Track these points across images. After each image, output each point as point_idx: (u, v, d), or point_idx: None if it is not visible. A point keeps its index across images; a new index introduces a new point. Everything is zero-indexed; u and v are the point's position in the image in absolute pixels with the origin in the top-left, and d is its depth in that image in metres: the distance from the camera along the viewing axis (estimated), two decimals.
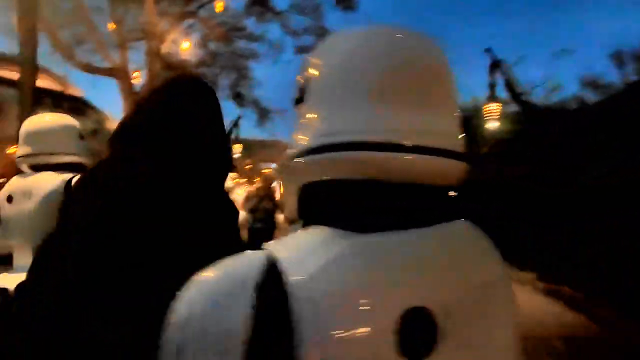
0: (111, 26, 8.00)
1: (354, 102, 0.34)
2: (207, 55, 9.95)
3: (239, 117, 12.59)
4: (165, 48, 8.39)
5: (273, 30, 17.80)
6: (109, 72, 7.90)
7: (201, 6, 8.81)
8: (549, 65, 19.53)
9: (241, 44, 10.28)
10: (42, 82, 16.11)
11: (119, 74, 7.87)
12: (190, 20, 9.14)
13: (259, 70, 11.50)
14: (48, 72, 15.04)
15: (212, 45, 9.95)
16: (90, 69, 7.84)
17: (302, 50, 10.29)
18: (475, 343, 0.34)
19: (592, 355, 2.64)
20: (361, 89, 0.34)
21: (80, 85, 11.94)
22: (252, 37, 10.21)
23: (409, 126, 0.34)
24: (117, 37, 8.14)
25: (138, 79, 8.36)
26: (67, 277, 0.59)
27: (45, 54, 7.51)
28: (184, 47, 8.37)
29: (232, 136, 13.42)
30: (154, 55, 8.12)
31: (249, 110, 11.07)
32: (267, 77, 11.59)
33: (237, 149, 14.02)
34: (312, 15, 9.73)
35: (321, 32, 9.61)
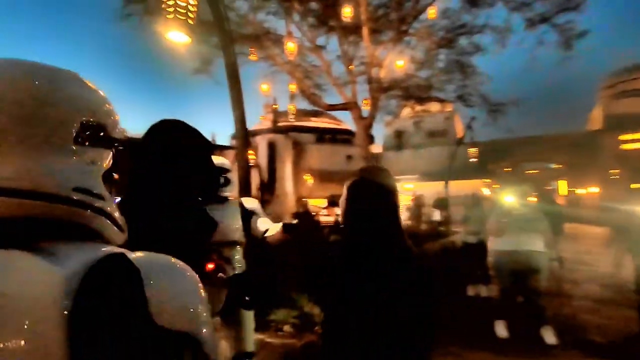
0: (349, 68, 9.67)
1: None
2: (428, 64, 9.96)
3: (471, 119, 11.61)
4: (383, 72, 9.17)
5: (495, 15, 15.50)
6: (344, 107, 9.53)
7: (415, 18, 9.02)
8: None
9: (463, 42, 9.58)
10: (319, 122, 21.03)
11: (351, 105, 9.33)
12: (407, 37, 9.54)
13: (484, 63, 10.22)
14: (324, 114, 19.72)
15: (434, 54, 9.86)
16: (330, 107, 9.77)
17: (541, 19, 8.31)
18: None
19: None
20: None
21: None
22: (474, 30, 9.31)
23: None
24: (348, 76, 9.75)
25: (367, 106, 9.57)
26: None
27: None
28: (399, 65, 8.80)
29: (467, 140, 12.50)
30: (374, 81, 9.08)
31: (478, 110, 9.99)
32: (494, 69, 10.11)
33: (472, 153, 12.90)
34: None
35: None
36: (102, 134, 0.56)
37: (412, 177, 18.38)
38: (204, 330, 0.50)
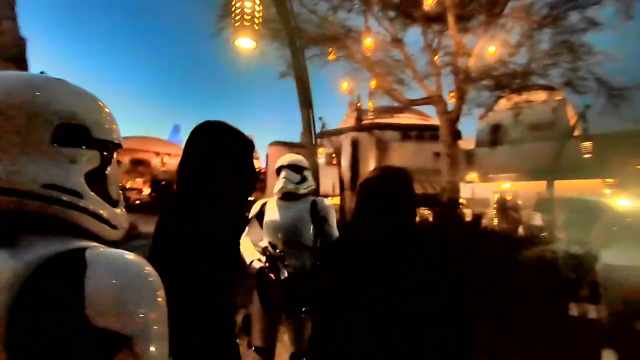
0: (435, 58, 9.11)
1: None
2: (528, 48, 8.77)
3: (585, 108, 9.86)
4: (472, 61, 8.39)
5: None
6: (427, 101, 9.01)
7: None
8: None
9: (573, 18, 8.18)
10: (405, 118, 20.30)
11: (434, 99, 8.77)
12: (501, 21, 8.55)
13: (600, 40, 8.53)
14: (411, 110, 19.00)
15: (534, 35, 8.65)
16: (412, 102, 9.33)
17: None
18: None
19: None
20: None
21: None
22: (589, 2, 7.89)
23: None
24: (432, 68, 9.18)
25: (453, 99, 8.89)
26: None
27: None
28: (491, 51, 7.94)
29: (580, 132, 10.56)
30: (462, 72, 8.37)
31: (593, 97, 8.42)
32: (614, 46, 8.37)
33: (586, 148, 10.80)
34: None
35: None
36: (84, 135, 0.61)
37: (508, 175, 16.47)
38: (138, 330, 0.49)
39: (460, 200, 10.02)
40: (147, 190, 30.14)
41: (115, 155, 0.70)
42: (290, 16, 3.60)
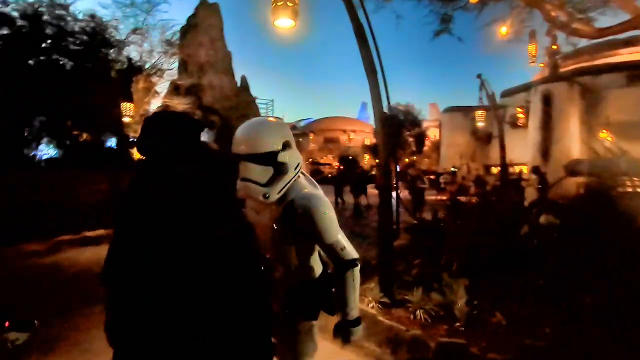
0: None
1: None
2: None
3: None
4: None
5: None
6: (630, 25, 6.20)
7: None
8: None
9: None
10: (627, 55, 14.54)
11: None
12: None
13: None
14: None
15: None
16: (601, 33, 6.62)
17: None
18: None
19: None
20: None
21: None
22: None
23: None
24: None
25: None
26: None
27: None
28: None
29: None
30: None
31: None
32: None
33: None
34: None
35: None
36: None
37: None
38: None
39: None
40: (336, 165, 34.06)
41: None
42: None
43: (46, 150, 11.51)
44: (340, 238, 1.41)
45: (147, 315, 0.97)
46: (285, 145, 1.35)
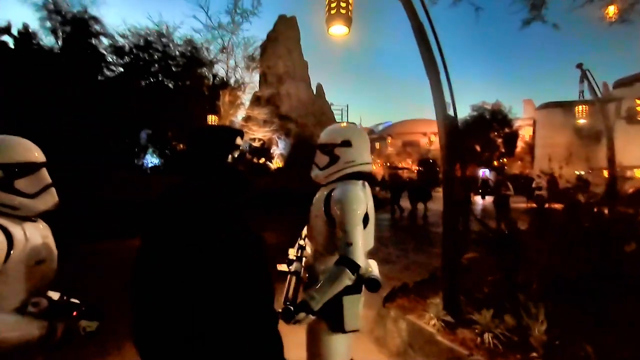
0: None
1: None
2: None
3: None
4: None
5: None
6: None
7: None
8: None
9: None
10: None
11: None
12: None
13: None
14: None
15: None
16: None
17: None
18: None
19: None
20: None
21: None
22: None
23: None
24: None
25: None
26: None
27: None
28: None
29: None
30: None
31: None
32: None
33: None
34: None
35: None
36: None
37: None
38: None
39: None
40: (415, 168, 32.77)
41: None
42: None
43: (151, 160, 13.49)
44: (356, 236, 1.44)
45: (171, 319, 1.05)
46: (344, 143, 1.63)
